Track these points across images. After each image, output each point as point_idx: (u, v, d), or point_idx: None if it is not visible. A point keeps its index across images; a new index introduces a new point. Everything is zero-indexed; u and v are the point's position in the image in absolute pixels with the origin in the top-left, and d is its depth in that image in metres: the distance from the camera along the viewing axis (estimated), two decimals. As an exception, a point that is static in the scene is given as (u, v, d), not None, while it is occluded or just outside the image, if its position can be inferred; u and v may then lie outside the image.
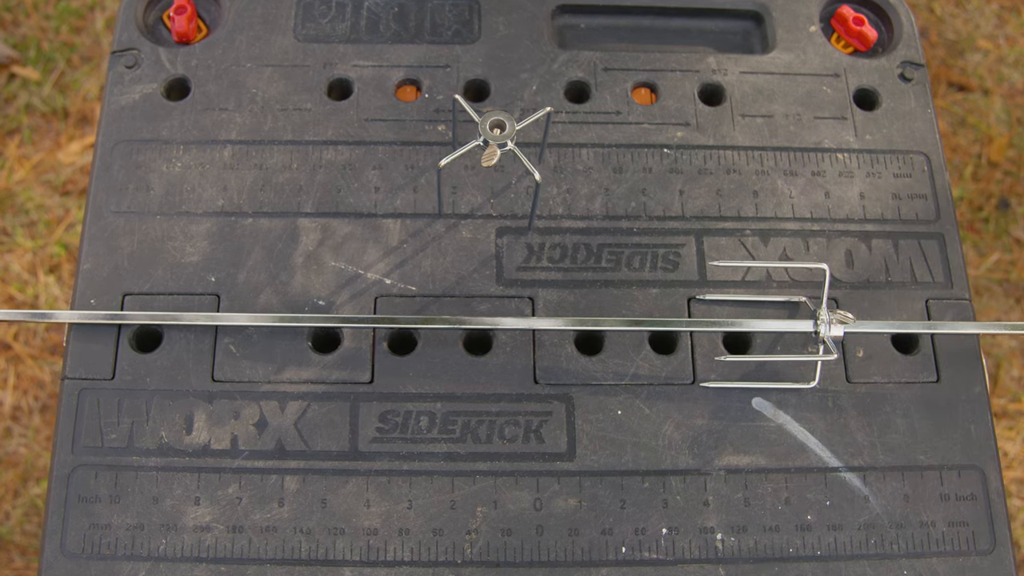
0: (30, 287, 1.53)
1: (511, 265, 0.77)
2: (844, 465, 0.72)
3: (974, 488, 0.72)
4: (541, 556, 0.68)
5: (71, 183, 1.61)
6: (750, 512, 0.70)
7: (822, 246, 0.79)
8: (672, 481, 0.70)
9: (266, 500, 0.69)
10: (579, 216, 0.78)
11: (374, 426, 0.71)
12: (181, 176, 0.78)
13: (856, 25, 0.87)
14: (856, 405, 0.73)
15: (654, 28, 0.89)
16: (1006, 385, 1.59)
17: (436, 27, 0.85)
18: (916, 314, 0.77)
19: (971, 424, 0.73)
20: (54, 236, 1.57)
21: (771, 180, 0.81)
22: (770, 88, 0.84)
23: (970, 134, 1.79)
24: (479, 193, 0.79)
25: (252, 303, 0.74)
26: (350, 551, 0.68)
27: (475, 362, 0.73)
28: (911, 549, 0.70)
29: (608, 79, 0.84)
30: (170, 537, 0.67)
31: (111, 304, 0.74)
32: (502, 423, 0.71)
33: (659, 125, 0.82)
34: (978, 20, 1.89)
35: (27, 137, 1.64)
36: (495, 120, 0.68)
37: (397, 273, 0.76)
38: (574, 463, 0.71)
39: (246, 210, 0.77)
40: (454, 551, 0.68)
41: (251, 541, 0.68)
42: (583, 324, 0.73)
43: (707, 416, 0.72)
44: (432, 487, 0.69)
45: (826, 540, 0.70)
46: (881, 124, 0.84)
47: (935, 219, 0.80)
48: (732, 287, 0.77)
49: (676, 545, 0.69)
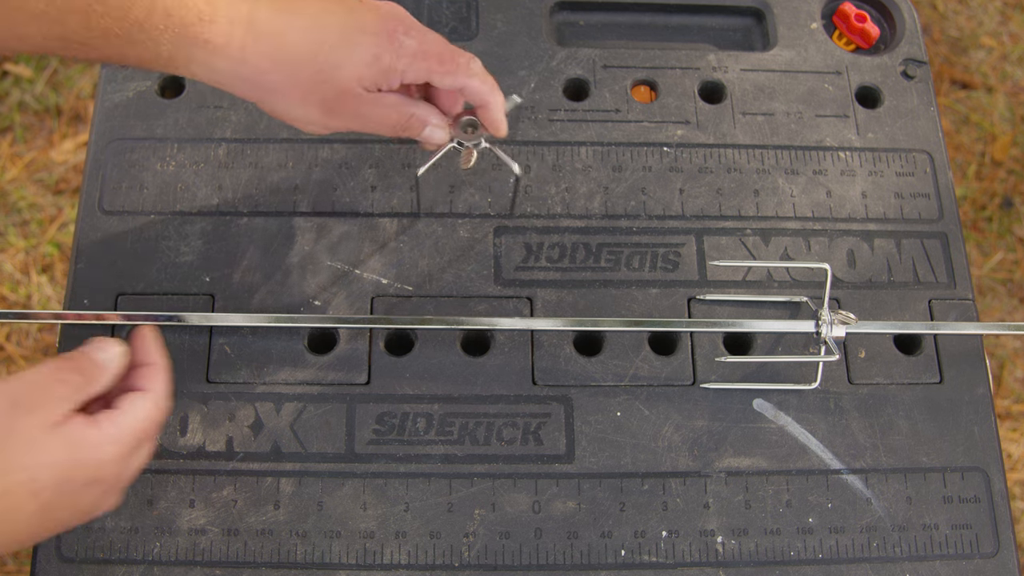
0: (23, 287, 1.52)
1: (509, 265, 0.76)
2: (846, 467, 0.71)
3: (977, 490, 0.71)
4: (540, 559, 0.68)
5: (64, 182, 1.60)
6: (751, 515, 0.69)
7: (824, 246, 0.78)
8: (672, 483, 0.70)
9: (261, 502, 0.68)
10: (578, 215, 0.78)
11: (371, 428, 0.70)
12: (175, 175, 0.78)
13: (858, 22, 0.86)
14: (858, 406, 0.73)
15: (654, 25, 0.89)
16: (1010, 386, 1.58)
17: (433, 23, 0.85)
18: (919, 314, 0.76)
19: (974, 426, 0.73)
20: (47, 235, 1.56)
21: (772, 179, 0.80)
22: (771, 86, 0.84)
23: (973, 132, 1.78)
24: (477, 192, 0.78)
25: (247, 303, 0.74)
26: (346, 554, 0.67)
27: (473, 363, 0.73)
28: (914, 552, 0.69)
29: (607, 76, 0.83)
30: (164, 540, 0.67)
31: (105, 304, 0.73)
32: (500, 425, 0.71)
33: (659, 123, 0.82)
34: (981, 17, 1.88)
35: (20, 135, 1.64)
36: (467, 121, 0.68)
37: (394, 273, 0.75)
38: (573, 465, 0.70)
39: (241, 209, 0.77)
40: (452, 554, 0.67)
41: (246, 544, 0.67)
42: (582, 324, 0.72)
43: (707, 417, 0.72)
44: (429, 489, 0.69)
45: (828, 543, 0.69)
46: (883, 122, 0.83)
47: (938, 218, 0.80)
48: (733, 287, 0.76)
49: (676, 548, 0.68)
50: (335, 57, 0.61)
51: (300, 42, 0.61)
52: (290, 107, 0.63)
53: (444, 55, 0.63)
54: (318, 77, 0.61)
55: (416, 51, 0.62)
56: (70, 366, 0.57)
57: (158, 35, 0.59)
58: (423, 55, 0.63)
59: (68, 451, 0.54)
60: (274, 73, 0.61)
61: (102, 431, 0.55)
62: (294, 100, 0.63)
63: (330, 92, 0.62)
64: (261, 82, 0.62)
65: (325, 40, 0.61)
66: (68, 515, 0.56)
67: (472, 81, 0.64)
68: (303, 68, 0.61)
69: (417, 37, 0.63)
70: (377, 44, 0.61)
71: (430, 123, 0.66)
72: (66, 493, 0.54)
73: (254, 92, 0.63)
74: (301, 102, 0.63)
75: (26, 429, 0.53)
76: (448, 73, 0.63)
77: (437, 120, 0.66)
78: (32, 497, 0.53)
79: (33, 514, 0.53)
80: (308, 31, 0.61)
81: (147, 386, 0.59)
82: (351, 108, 0.63)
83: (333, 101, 0.63)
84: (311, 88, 0.62)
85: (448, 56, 0.63)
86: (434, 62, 0.63)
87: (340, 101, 0.63)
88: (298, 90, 0.62)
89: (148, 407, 0.58)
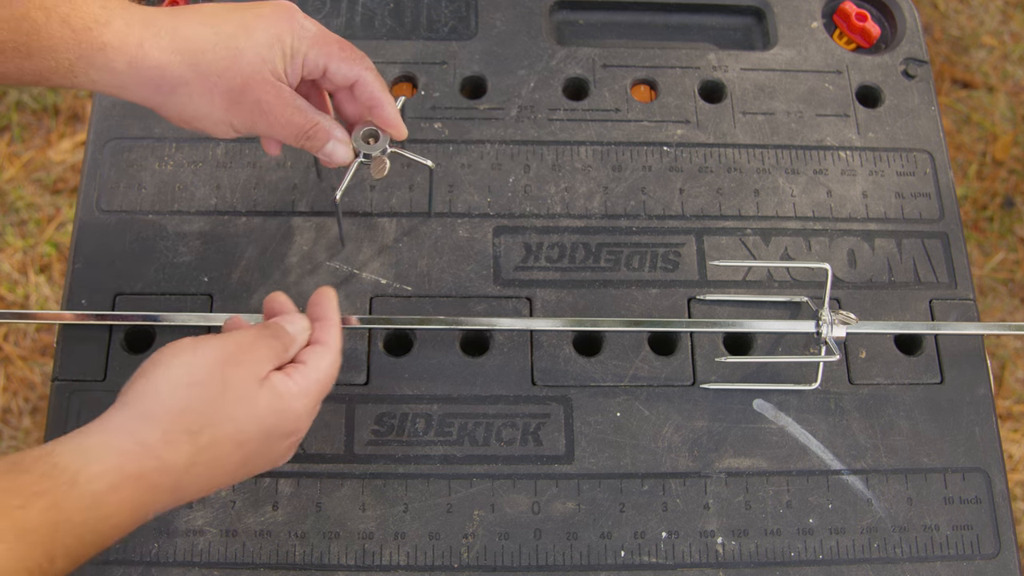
0: (20, 287, 1.52)
1: (508, 265, 0.76)
2: (846, 468, 0.71)
3: (978, 491, 0.71)
4: (539, 560, 0.67)
5: (62, 181, 1.60)
6: (751, 515, 0.69)
7: (824, 245, 0.78)
8: (672, 484, 0.70)
9: (260, 503, 0.68)
10: (577, 215, 0.78)
11: (370, 428, 0.70)
12: (173, 174, 0.77)
13: (859, 21, 0.86)
14: (859, 407, 0.73)
15: (654, 24, 0.89)
16: (1011, 387, 1.58)
17: (432, 23, 0.85)
18: (919, 314, 0.76)
19: (975, 426, 0.73)
20: (45, 235, 1.56)
21: (772, 178, 0.80)
22: (771, 85, 0.84)
23: (974, 132, 1.78)
24: (476, 192, 0.78)
25: (246, 303, 0.73)
26: (345, 555, 0.67)
27: (472, 363, 0.72)
28: (915, 553, 0.69)
29: (607, 76, 0.83)
30: (162, 541, 0.67)
31: (103, 304, 0.73)
32: (500, 425, 0.71)
33: (659, 123, 0.82)
34: (982, 16, 1.88)
35: (17, 135, 1.64)
36: (366, 131, 0.67)
37: (393, 273, 0.75)
38: (572, 466, 0.70)
39: (239, 209, 0.76)
40: (451, 555, 0.67)
41: (244, 545, 0.67)
42: (581, 324, 0.72)
43: (707, 418, 0.71)
44: (428, 490, 0.69)
45: (828, 544, 0.69)
46: (884, 122, 0.83)
47: (939, 218, 0.80)
48: (733, 287, 0.76)
49: (676, 549, 0.68)
50: (236, 42, 0.61)
51: (199, 32, 0.61)
52: (194, 103, 0.62)
53: (344, 42, 0.64)
54: (221, 64, 0.60)
55: (317, 35, 0.63)
56: (269, 332, 0.60)
57: (55, 43, 0.59)
58: (324, 39, 0.63)
59: (272, 404, 0.57)
60: (176, 66, 0.60)
61: (297, 384, 0.58)
62: (197, 92, 0.61)
63: (235, 79, 0.61)
64: (163, 78, 0.61)
65: (223, 28, 0.61)
66: (262, 464, 0.59)
67: (368, 74, 0.64)
68: (205, 56, 0.60)
69: (316, 23, 0.64)
70: (277, 26, 0.61)
71: (334, 136, 0.65)
72: (265, 444, 0.58)
73: (157, 93, 0.62)
74: (206, 94, 0.61)
75: (239, 382, 0.56)
76: (347, 59, 0.63)
77: (341, 135, 0.65)
78: (237, 448, 0.56)
79: (235, 464, 0.57)
80: (206, 22, 0.61)
81: (325, 340, 0.61)
82: (256, 99, 0.62)
83: (239, 91, 0.61)
84: (215, 77, 0.61)
85: (348, 44, 0.64)
86: (335, 47, 0.63)
87: (245, 90, 0.61)
88: (202, 81, 0.61)
89: (329, 359, 0.61)
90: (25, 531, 0.48)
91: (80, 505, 0.50)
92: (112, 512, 0.51)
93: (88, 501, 0.50)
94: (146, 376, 0.56)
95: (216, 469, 0.56)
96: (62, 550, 0.50)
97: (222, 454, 0.55)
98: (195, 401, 0.55)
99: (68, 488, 0.50)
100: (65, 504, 0.50)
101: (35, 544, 0.48)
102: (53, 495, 0.49)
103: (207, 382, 0.55)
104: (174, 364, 0.56)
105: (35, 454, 0.51)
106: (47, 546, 0.49)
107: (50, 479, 0.50)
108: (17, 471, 0.50)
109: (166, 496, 0.54)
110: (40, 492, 0.49)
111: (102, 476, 0.51)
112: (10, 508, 0.48)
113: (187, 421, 0.54)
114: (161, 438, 0.53)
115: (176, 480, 0.54)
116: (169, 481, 0.53)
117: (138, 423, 0.53)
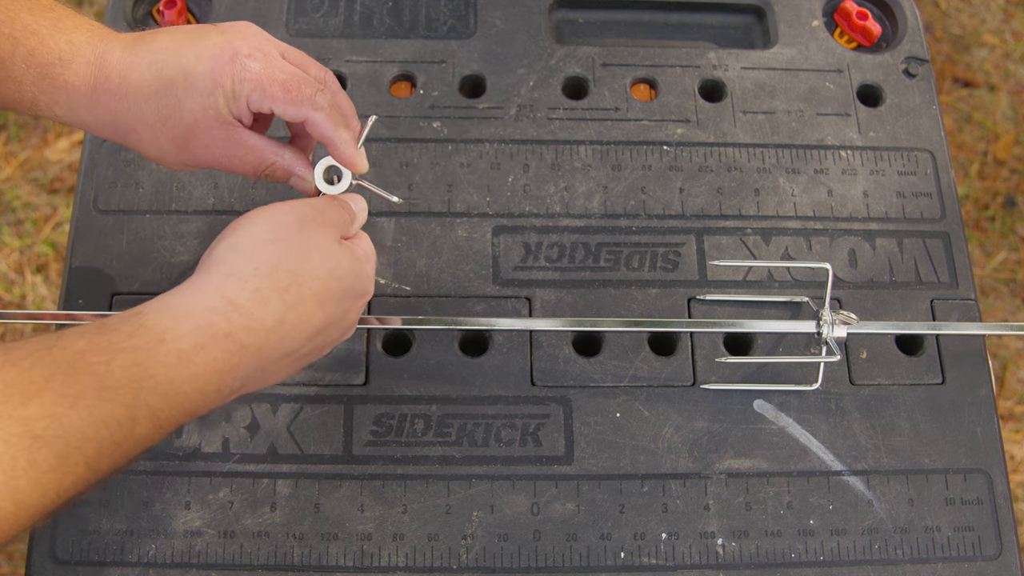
0: (17, 287, 1.52)
1: (508, 265, 0.75)
2: (847, 469, 0.70)
3: (980, 492, 0.71)
4: (538, 561, 0.67)
5: (59, 181, 1.60)
6: (751, 516, 0.69)
7: (825, 245, 0.77)
8: (672, 485, 0.69)
9: (258, 504, 0.67)
10: (577, 215, 0.77)
11: (368, 429, 0.70)
12: (171, 174, 0.77)
13: (859, 20, 0.86)
14: (859, 407, 0.72)
15: (653, 23, 0.88)
16: (1012, 387, 1.58)
17: (431, 22, 0.84)
18: (921, 315, 0.76)
19: (977, 427, 0.72)
20: (41, 235, 1.56)
21: (773, 178, 0.80)
22: (772, 84, 0.83)
23: (976, 131, 1.77)
24: (476, 192, 0.78)
25: (244, 303, 0.73)
26: (343, 556, 0.67)
27: (471, 364, 0.72)
28: (916, 554, 0.69)
29: (606, 75, 0.83)
30: (160, 542, 0.66)
31: (99, 304, 0.73)
32: (499, 426, 0.70)
33: (658, 122, 0.81)
34: (984, 15, 1.88)
35: (14, 134, 1.63)
36: (329, 169, 0.64)
37: (391, 273, 0.75)
38: (572, 467, 0.70)
39: (237, 208, 0.76)
40: (450, 556, 0.67)
41: (242, 546, 0.67)
42: (581, 325, 0.72)
43: (708, 419, 0.71)
44: (427, 491, 0.68)
45: (829, 545, 0.69)
46: (885, 121, 0.83)
47: (940, 218, 0.79)
48: (733, 287, 0.76)
49: (676, 550, 0.68)
50: (175, 91, 0.59)
51: (143, 78, 0.59)
52: (145, 146, 0.61)
53: (290, 83, 0.59)
54: (163, 114, 0.59)
55: (259, 76, 0.58)
56: (338, 203, 0.61)
57: (20, 75, 0.58)
58: (268, 80, 0.59)
59: (351, 264, 0.58)
60: (123, 112, 0.59)
61: (364, 250, 0.61)
62: (146, 139, 0.60)
63: (178, 128, 0.60)
64: (115, 123, 0.60)
65: (165, 73, 0.59)
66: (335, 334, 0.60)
67: (317, 115, 0.60)
68: (148, 104, 0.59)
69: (262, 60, 0.59)
70: (216, 70, 0.58)
71: (294, 173, 0.63)
72: (341, 305, 0.58)
73: (113, 133, 0.61)
74: (153, 140, 0.60)
75: (323, 239, 0.57)
76: (291, 103, 0.59)
77: (302, 170, 0.63)
78: (319, 307, 0.56)
79: (316, 327, 0.57)
80: (150, 67, 0.59)
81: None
82: (204, 144, 0.60)
83: (184, 138, 0.60)
84: (159, 126, 0.60)
85: (294, 84, 0.59)
86: (277, 90, 0.59)
87: (191, 136, 0.60)
88: (147, 129, 0.60)
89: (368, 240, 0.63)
90: (106, 387, 0.47)
91: (166, 362, 0.49)
92: (198, 372, 0.51)
93: (175, 359, 0.50)
94: (226, 239, 0.56)
95: (299, 331, 0.55)
96: (145, 410, 0.48)
97: (306, 313, 0.55)
98: (283, 258, 0.55)
99: (155, 345, 0.49)
100: (150, 362, 0.49)
101: (116, 401, 0.47)
102: (138, 352, 0.49)
103: (292, 239, 0.56)
104: (257, 223, 0.56)
105: (123, 315, 0.50)
106: (129, 404, 0.48)
107: (137, 337, 0.49)
108: (105, 331, 0.49)
109: (251, 359, 0.53)
110: (125, 349, 0.48)
111: (191, 334, 0.50)
112: (94, 364, 0.47)
113: (277, 277, 0.54)
114: (251, 296, 0.53)
115: (263, 341, 0.53)
116: (256, 342, 0.53)
117: (226, 281, 0.53)
